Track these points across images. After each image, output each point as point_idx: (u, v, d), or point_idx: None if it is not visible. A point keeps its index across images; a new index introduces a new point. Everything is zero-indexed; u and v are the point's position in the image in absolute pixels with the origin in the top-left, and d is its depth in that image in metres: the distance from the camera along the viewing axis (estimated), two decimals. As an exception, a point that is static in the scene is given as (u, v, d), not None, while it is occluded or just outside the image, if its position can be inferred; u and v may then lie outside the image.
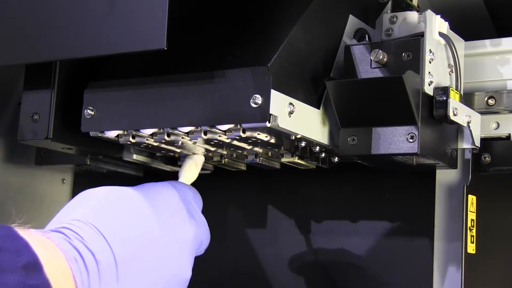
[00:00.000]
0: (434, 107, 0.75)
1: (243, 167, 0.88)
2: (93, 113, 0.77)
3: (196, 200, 0.76)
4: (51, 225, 0.66)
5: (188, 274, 0.70)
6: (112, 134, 0.77)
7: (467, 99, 0.82)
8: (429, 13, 0.76)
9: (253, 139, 0.73)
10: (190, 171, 0.81)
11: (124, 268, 0.64)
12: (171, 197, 0.72)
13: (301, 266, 0.94)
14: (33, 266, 0.56)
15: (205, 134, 0.73)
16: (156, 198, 0.71)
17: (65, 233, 0.63)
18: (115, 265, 0.63)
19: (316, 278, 0.93)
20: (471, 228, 0.82)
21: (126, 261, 0.64)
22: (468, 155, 0.83)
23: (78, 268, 0.60)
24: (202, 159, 0.82)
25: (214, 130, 0.72)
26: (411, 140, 0.73)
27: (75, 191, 1.08)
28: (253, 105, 0.68)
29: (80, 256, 0.61)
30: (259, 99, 0.68)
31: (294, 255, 0.94)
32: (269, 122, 0.68)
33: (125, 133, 0.77)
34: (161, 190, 0.73)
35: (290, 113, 0.71)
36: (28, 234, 0.58)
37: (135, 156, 0.88)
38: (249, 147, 0.78)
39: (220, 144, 0.77)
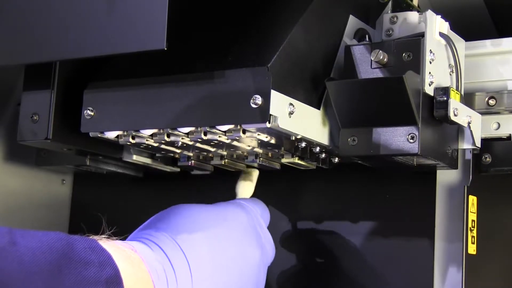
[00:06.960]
0: (435, 107, 0.75)
1: (243, 168, 0.88)
2: (92, 113, 0.77)
3: (263, 215, 0.79)
4: (134, 235, 0.71)
5: None
6: (112, 134, 0.77)
7: (468, 99, 0.81)
8: (429, 13, 0.76)
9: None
10: (246, 187, 0.84)
11: (198, 283, 0.68)
12: (240, 219, 0.76)
13: (301, 266, 0.94)
14: (114, 279, 0.59)
15: (205, 134, 0.73)
16: (228, 219, 0.75)
17: (149, 245, 0.67)
18: (190, 279, 0.67)
19: (316, 278, 0.92)
20: (472, 228, 0.81)
21: (199, 277, 0.68)
22: (468, 156, 0.82)
23: (159, 279, 0.64)
24: (257, 173, 0.85)
25: (214, 130, 0.72)
26: (411, 141, 0.72)
27: (75, 192, 1.08)
28: (253, 106, 0.68)
29: (162, 268, 0.65)
30: (259, 99, 0.68)
31: (293, 255, 0.94)
32: (269, 123, 0.68)
33: (125, 133, 0.77)
34: (231, 211, 0.76)
35: (290, 113, 0.71)
36: (112, 246, 0.62)
37: (135, 157, 0.88)
38: (249, 148, 0.78)
39: (220, 145, 0.77)
